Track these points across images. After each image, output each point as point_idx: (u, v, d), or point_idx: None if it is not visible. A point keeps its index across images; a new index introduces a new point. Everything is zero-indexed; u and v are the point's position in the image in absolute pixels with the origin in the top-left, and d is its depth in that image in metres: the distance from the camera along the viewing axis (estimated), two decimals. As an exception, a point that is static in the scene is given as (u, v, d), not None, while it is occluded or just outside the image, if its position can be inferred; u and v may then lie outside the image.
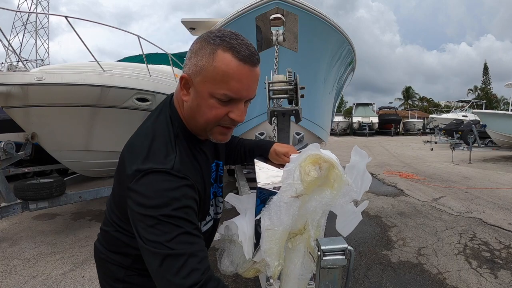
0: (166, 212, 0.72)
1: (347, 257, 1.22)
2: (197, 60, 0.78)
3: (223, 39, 0.76)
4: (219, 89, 0.77)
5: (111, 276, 1.01)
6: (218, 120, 0.82)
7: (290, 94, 1.73)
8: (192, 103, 0.82)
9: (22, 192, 3.84)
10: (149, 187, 0.74)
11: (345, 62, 4.04)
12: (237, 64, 0.76)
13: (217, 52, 0.76)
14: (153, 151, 0.79)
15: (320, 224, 0.97)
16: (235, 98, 0.79)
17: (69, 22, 3.89)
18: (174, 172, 0.76)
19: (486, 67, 49.99)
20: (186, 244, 0.72)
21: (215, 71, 0.76)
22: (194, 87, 0.80)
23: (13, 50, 4.54)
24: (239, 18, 3.00)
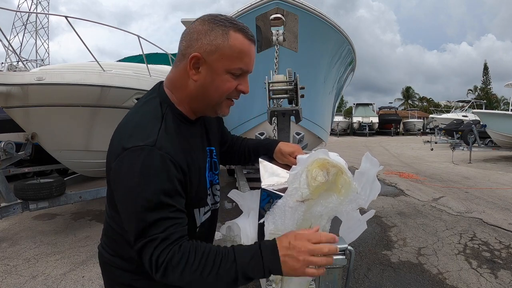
0: (144, 195, 0.76)
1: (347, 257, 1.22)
2: (210, 40, 0.83)
3: (232, 22, 0.85)
4: (235, 64, 0.86)
5: (117, 281, 1.00)
6: (230, 93, 0.90)
7: (290, 94, 1.72)
8: (205, 80, 0.87)
9: (22, 192, 3.84)
10: (130, 167, 0.78)
11: (345, 62, 4.04)
12: (248, 43, 0.87)
13: (229, 33, 0.84)
14: (138, 129, 0.82)
15: (325, 229, 0.95)
16: (245, 71, 0.89)
17: (69, 22, 3.89)
18: (156, 149, 0.79)
19: (486, 67, 50.03)
20: (154, 229, 0.76)
21: (231, 49, 0.84)
22: (208, 65, 0.85)
23: (13, 50, 4.54)
24: (239, 18, 2.99)
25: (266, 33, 2.84)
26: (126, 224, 0.81)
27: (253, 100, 3.46)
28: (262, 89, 1.78)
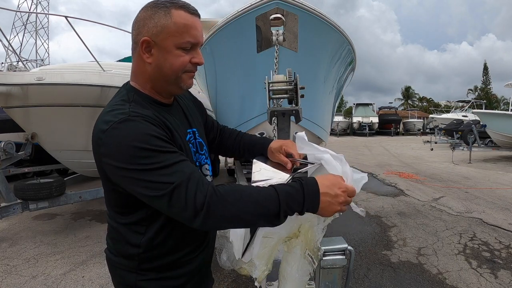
0: (141, 160, 0.77)
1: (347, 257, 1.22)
2: (155, 23, 0.88)
3: (171, 2, 0.89)
4: (183, 38, 0.89)
5: (123, 283, 1.01)
6: (185, 67, 0.92)
7: (290, 94, 1.72)
8: (159, 60, 0.90)
9: (22, 192, 3.84)
10: (117, 140, 0.79)
11: (345, 62, 4.04)
12: (191, 16, 0.90)
13: (171, 11, 0.88)
14: (110, 114, 0.85)
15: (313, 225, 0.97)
16: (195, 43, 0.92)
17: (69, 22, 3.89)
18: (132, 116, 0.82)
19: (486, 67, 50.05)
20: (177, 174, 0.77)
21: (176, 26, 0.88)
22: (158, 46, 0.89)
23: (13, 50, 4.54)
24: (239, 18, 2.99)
25: (266, 33, 2.84)
26: (144, 189, 0.78)
27: (253, 100, 3.46)
28: (262, 89, 1.78)
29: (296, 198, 0.80)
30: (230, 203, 0.76)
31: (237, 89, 3.72)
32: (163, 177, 0.76)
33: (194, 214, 0.75)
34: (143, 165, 0.77)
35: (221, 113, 4.49)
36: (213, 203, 0.75)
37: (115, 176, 0.83)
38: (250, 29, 2.91)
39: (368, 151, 15.18)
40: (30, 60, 13.66)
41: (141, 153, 0.77)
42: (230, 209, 0.76)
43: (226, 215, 0.76)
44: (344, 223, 4.50)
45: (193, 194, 0.75)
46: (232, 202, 0.76)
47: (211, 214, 0.75)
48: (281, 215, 0.79)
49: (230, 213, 0.76)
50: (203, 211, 0.74)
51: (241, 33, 3.06)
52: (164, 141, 0.81)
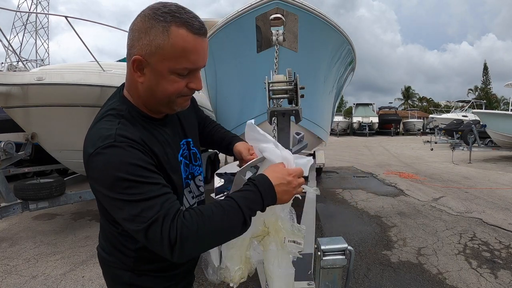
0: (122, 191, 0.74)
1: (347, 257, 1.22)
2: (149, 40, 0.77)
3: (174, 15, 0.77)
4: (179, 64, 0.79)
5: (117, 280, 1.01)
6: (180, 92, 0.85)
7: (290, 94, 1.72)
8: (151, 82, 0.82)
9: (22, 192, 3.84)
10: (101, 170, 0.77)
11: (345, 62, 4.04)
12: (193, 37, 0.78)
13: (171, 29, 0.76)
14: (98, 134, 0.81)
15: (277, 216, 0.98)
16: (194, 69, 0.83)
17: (69, 22, 3.89)
18: (117, 143, 0.77)
19: (486, 67, 50.04)
20: (155, 208, 0.74)
21: (173, 48, 0.77)
22: (151, 67, 0.80)
23: (13, 50, 4.54)
24: (239, 18, 2.99)
25: (266, 33, 2.84)
26: (124, 221, 0.78)
27: (253, 100, 3.46)
28: (262, 89, 1.78)
29: (254, 199, 0.81)
30: (200, 231, 0.75)
31: (237, 89, 3.72)
32: (141, 211, 0.74)
33: (170, 249, 0.74)
34: (124, 195, 0.75)
35: (221, 113, 4.49)
36: (184, 237, 0.73)
37: (100, 199, 0.83)
38: (250, 29, 2.91)
39: (368, 151, 15.18)
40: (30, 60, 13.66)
41: (123, 183, 0.74)
42: (201, 237, 0.76)
43: (200, 243, 0.77)
44: (344, 223, 4.50)
45: (167, 230, 0.73)
46: (202, 230, 0.75)
47: (185, 247, 0.74)
48: (247, 220, 0.80)
49: (202, 240, 0.76)
50: (177, 246, 0.73)
51: (241, 33, 3.06)
52: (147, 170, 0.78)
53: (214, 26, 3.34)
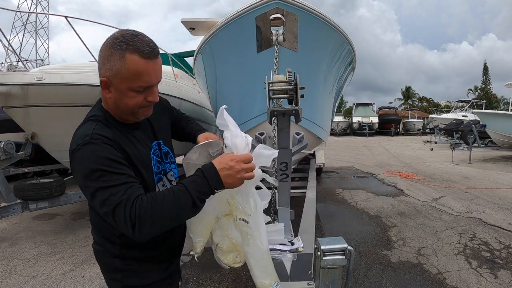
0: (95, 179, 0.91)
1: (347, 257, 1.22)
2: (111, 65, 0.95)
3: (128, 43, 0.94)
4: (134, 83, 0.97)
5: (109, 268, 1.15)
6: (139, 105, 1.02)
7: (290, 94, 1.72)
8: (116, 98, 1.01)
9: (22, 192, 3.84)
10: (80, 163, 0.95)
11: (345, 62, 4.04)
12: (144, 62, 0.95)
13: (125, 56, 0.93)
14: (78, 134, 1.00)
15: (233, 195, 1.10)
16: (148, 86, 1.00)
17: (69, 22, 3.89)
18: (93, 140, 0.95)
19: (486, 67, 49.99)
20: (120, 193, 0.90)
21: (128, 72, 0.94)
22: (114, 86, 0.98)
23: (13, 50, 4.54)
24: (239, 18, 2.99)
25: (266, 33, 2.84)
26: (97, 206, 0.93)
27: (253, 100, 3.46)
28: (262, 89, 1.78)
29: (201, 183, 0.95)
30: (154, 212, 0.89)
31: (237, 89, 3.72)
32: (109, 195, 0.89)
33: (132, 229, 0.88)
34: (96, 183, 0.91)
35: (221, 113, 4.49)
36: (142, 218, 0.88)
37: (82, 190, 0.98)
38: (250, 29, 2.91)
39: (368, 151, 15.18)
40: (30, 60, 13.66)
41: (96, 173, 0.91)
42: (156, 218, 0.90)
43: (155, 223, 0.90)
44: (344, 223, 4.50)
45: (128, 212, 0.87)
46: (155, 211, 0.89)
47: (143, 226, 0.88)
48: (197, 202, 0.94)
49: (156, 220, 0.90)
50: (136, 225, 0.88)
51: (241, 33, 3.06)
52: (117, 163, 0.94)
53: (214, 26, 3.33)
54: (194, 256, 1.22)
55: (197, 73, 4.74)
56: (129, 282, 1.13)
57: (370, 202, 5.62)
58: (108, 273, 1.16)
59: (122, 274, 1.12)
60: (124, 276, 1.13)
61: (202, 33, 4.18)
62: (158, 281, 1.17)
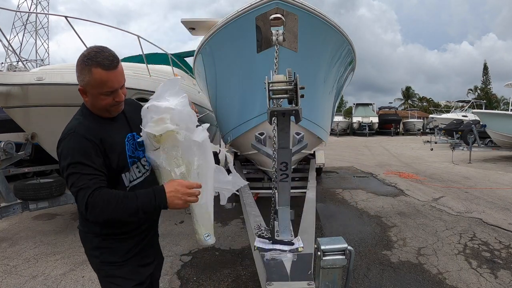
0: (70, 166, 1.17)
1: (347, 257, 1.22)
2: (83, 77, 1.22)
3: (92, 59, 1.20)
4: (102, 89, 1.24)
5: (89, 246, 1.38)
6: (110, 105, 1.29)
7: (290, 94, 1.72)
8: (92, 101, 1.28)
9: (22, 192, 3.84)
10: (63, 150, 1.21)
11: (345, 62, 4.04)
12: (106, 73, 1.21)
13: (91, 70, 1.20)
14: (66, 129, 1.26)
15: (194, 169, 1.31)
16: (113, 90, 1.26)
17: (69, 22, 3.89)
18: (75, 133, 1.21)
19: (486, 67, 49.92)
20: (83, 181, 1.16)
21: (96, 82, 1.22)
22: (88, 92, 1.26)
23: (13, 50, 4.54)
24: (239, 18, 2.99)
25: (266, 33, 2.84)
26: (69, 188, 1.19)
27: (253, 100, 3.46)
28: (262, 89, 1.77)
29: (149, 197, 1.19)
30: (104, 204, 1.14)
31: (237, 89, 3.72)
32: (77, 180, 1.16)
33: (85, 210, 1.14)
34: (71, 169, 1.17)
35: (221, 113, 4.49)
36: (93, 204, 1.14)
37: (62, 175, 1.23)
38: (250, 29, 2.91)
39: (368, 151, 15.18)
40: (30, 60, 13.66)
41: (71, 161, 1.17)
42: (104, 208, 1.15)
43: (103, 211, 1.15)
44: (344, 223, 4.50)
45: (86, 197, 1.13)
46: (105, 203, 1.14)
47: (93, 211, 1.14)
48: (139, 211, 1.18)
49: (104, 209, 1.15)
50: (89, 209, 1.14)
51: (241, 33, 3.06)
52: (89, 155, 1.20)
53: (214, 26, 3.33)
54: None
55: (197, 73, 4.74)
56: (105, 258, 1.35)
57: (370, 202, 5.62)
58: (89, 251, 1.38)
59: (100, 251, 1.35)
60: (102, 253, 1.35)
61: (202, 33, 4.17)
62: (130, 258, 1.39)
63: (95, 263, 1.38)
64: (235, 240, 3.90)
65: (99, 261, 1.36)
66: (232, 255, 3.46)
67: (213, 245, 3.65)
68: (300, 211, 2.81)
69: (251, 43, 2.99)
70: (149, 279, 1.50)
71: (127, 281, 1.37)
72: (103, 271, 1.37)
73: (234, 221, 4.61)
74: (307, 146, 2.79)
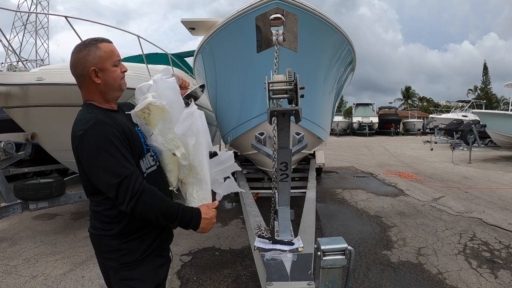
0: (103, 154, 1.16)
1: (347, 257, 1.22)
2: (93, 56, 1.28)
3: (93, 40, 1.31)
4: (112, 59, 1.32)
5: (105, 249, 1.33)
6: (120, 76, 1.35)
7: (290, 94, 1.72)
8: (105, 77, 1.30)
9: (22, 192, 3.84)
10: (90, 141, 1.18)
11: (345, 62, 4.04)
12: (111, 45, 1.34)
13: (98, 46, 1.29)
14: (81, 122, 1.23)
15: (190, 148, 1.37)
16: (119, 59, 1.36)
17: (69, 22, 3.89)
18: (96, 124, 1.19)
19: (486, 67, 49.91)
20: (125, 169, 1.16)
21: (106, 53, 1.30)
22: (101, 70, 1.29)
23: (13, 50, 4.54)
24: (239, 18, 2.99)
25: (266, 33, 2.84)
26: (103, 181, 1.17)
27: (253, 100, 3.46)
28: (262, 89, 1.78)
29: (188, 216, 1.27)
30: (154, 199, 1.19)
31: (237, 89, 3.72)
32: (118, 169, 1.15)
33: (130, 199, 1.14)
34: (104, 158, 1.15)
35: (221, 113, 4.49)
36: (144, 193, 1.16)
37: (87, 170, 1.21)
38: (250, 29, 2.91)
39: (368, 151, 15.18)
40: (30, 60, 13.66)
41: (104, 151, 1.15)
42: (152, 203, 1.18)
43: (149, 206, 1.18)
44: (344, 223, 4.50)
45: (133, 185, 1.15)
46: (155, 199, 1.19)
47: (139, 201, 1.15)
48: (176, 221, 1.24)
49: (151, 205, 1.18)
50: (135, 198, 1.14)
51: (241, 33, 3.06)
52: (121, 140, 1.21)
53: (214, 26, 3.33)
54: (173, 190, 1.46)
55: (197, 73, 4.74)
56: (124, 259, 1.32)
57: (370, 202, 5.62)
58: (104, 254, 1.34)
59: (119, 253, 1.31)
60: (121, 255, 1.31)
61: (202, 33, 4.17)
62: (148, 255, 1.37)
63: (112, 266, 1.33)
64: (235, 240, 3.90)
65: (118, 264, 1.31)
66: (232, 255, 3.46)
67: (213, 245, 3.66)
68: (300, 211, 2.81)
69: (251, 43, 2.99)
70: (164, 283, 1.47)
71: (144, 284, 1.33)
72: (119, 274, 1.33)
73: (234, 221, 4.61)
74: (307, 146, 2.78)
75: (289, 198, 2.12)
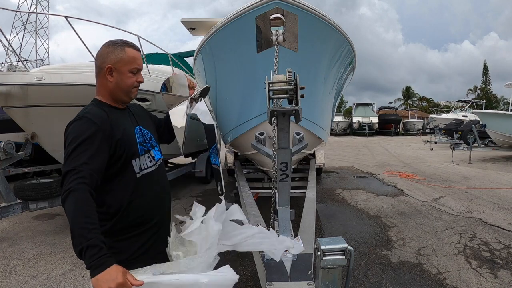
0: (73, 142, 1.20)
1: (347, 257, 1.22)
2: (116, 55, 1.35)
3: (122, 42, 1.38)
4: (131, 66, 1.38)
5: None
6: (133, 84, 1.40)
7: (290, 94, 1.72)
8: (118, 80, 1.37)
9: (22, 192, 3.84)
10: (69, 133, 1.24)
11: (345, 62, 4.04)
12: (136, 52, 1.40)
13: (124, 49, 1.36)
14: (76, 115, 1.30)
15: None
16: (139, 69, 1.42)
17: (69, 22, 3.89)
18: (85, 117, 1.26)
19: (486, 67, 49.87)
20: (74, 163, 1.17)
21: (129, 58, 1.36)
22: (117, 70, 1.35)
23: (13, 50, 4.54)
24: (239, 18, 2.99)
25: (266, 33, 2.84)
26: (63, 165, 1.20)
27: (253, 100, 3.46)
28: (262, 89, 1.78)
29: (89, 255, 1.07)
30: (74, 205, 1.09)
31: (237, 89, 3.72)
32: (72, 160, 1.17)
33: (63, 192, 1.12)
34: (73, 147, 1.19)
35: (221, 113, 4.49)
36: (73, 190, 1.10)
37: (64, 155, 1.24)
38: (250, 29, 2.91)
39: (368, 151, 15.18)
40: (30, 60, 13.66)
41: (74, 143, 1.19)
42: (69, 208, 1.09)
43: (67, 209, 1.10)
44: (344, 223, 4.50)
45: (70, 180, 1.13)
46: (75, 206, 1.08)
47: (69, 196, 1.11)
48: (75, 248, 1.06)
49: (68, 210, 1.09)
50: (65, 194, 1.11)
51: (241, 33, 3.06)
52: (98, 140, 1.22)
53: (214, 26, 3.33)
54: None
55: (197, 73, 4.74)
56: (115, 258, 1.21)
57: (370, 202, 5.62)
58: None
59: (110, 251, 1.20)
60: (113, 253, 1.21)
61: (202, 33, 4.17)
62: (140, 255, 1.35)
63: None
64: (235, 240, 3.89)
65: None
66: (232, 255, 3.46)
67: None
68: (300, 211, 2.81)
69: (251, 43, 2.99)
70: None
71: None
72: None
73: (234, 221, 4.61)
74: (307, 146, 2.78)
75: (289, 198, 2.12)
